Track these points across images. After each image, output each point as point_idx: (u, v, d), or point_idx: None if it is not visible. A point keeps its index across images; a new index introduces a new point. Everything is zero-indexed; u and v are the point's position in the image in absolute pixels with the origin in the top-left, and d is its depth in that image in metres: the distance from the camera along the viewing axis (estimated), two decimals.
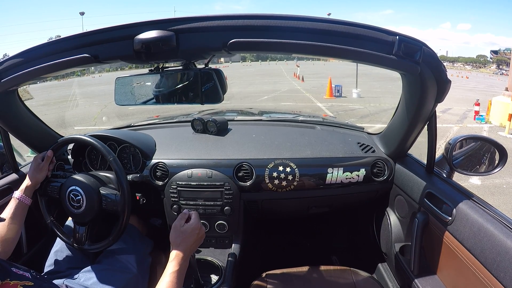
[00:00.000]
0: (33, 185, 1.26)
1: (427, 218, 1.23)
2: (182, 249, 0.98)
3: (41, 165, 1.28)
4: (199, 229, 1.04)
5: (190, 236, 1.01)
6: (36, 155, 1.33)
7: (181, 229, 1.01)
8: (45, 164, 1.29)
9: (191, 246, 1.01)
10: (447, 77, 0.96)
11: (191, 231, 1.02)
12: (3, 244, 1.13)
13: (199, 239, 1.04)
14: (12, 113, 1.35)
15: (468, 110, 9.72)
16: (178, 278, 0.93)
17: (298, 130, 1.79)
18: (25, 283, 0.84)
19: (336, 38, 0.83)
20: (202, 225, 1.06)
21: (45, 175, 1.30)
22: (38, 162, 1.28)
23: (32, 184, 1.26)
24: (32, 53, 0.98)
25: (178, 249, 0.98)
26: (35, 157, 1.31)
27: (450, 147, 1.21)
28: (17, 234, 1.19)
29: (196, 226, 1.03)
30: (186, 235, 1.01)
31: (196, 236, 1.02)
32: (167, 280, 0.91)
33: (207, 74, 1.05)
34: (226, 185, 1.45)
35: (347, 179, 1.48)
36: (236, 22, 0.83)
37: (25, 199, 1.23)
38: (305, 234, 2.20)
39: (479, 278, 0.95)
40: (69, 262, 1.30)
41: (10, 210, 1.20)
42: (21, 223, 1.22)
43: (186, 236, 1.00)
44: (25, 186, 1.25)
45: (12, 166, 1.55)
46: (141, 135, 1.65)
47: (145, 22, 0.86)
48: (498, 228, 0.92)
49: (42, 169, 1.28)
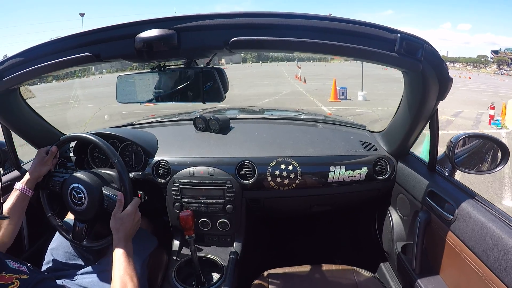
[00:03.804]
0: (35, 178, 1.26)
1: (429, 217, 1.23)
2: (122, 234, 1.08)
3: (45, 159, 1.28)
4: (135, 215, 1.14)
5: (127, 222, 1.11)
6: (41, 149, 1.33)
7: (118, 215, 1.12)
8: (48, 158, 1.29)
9: (129, 231, 1.11)
10: (449, 74, 0.96)
11: (127, 217, 1.12)
12: (3, 235, 1.13)
13: (135, 224, 1.14)
14: (14, 111, 1.36)
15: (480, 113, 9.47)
16: (124, 263, 1.03)
17: (300, 128, 1.79)
18: (20, 276, 0.84)
19: (338, 36, 0.83)
20: (138, 211, 1.17)
21: (48, 169, 1.30)
22: (42, 156, 1.29)
23: (34, 177, 1.26)
24: (34, 52, 0.99)
25: (118, 235, 1.09)
26: (39, 150, 1.32)
27: (452, 145, 1.21)
28: (17, 225, 1.20)
29: (131, 212, 1.13)
30: (123, 221, 1.11)
31: (132, 221, 1.12)
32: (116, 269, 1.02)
33: (209, 73, 1.05)
34: (228, 183, 1.45)
35: (349, 178, 1.48)
36: (238, 20, 0.83)
37: (27, 190, 1.23)
38: (307, 232, 2.20)
39: (481, 277, 0.95)
40: (65, 260, 1.30)
41: (10, 201, 1.20)
42: (22, 215, 1.23)
43: (123, 222, 1.10)
44: (27, 178, 1.25)
45: (15, 163, 1.56)
46: (143, 133, 1.65)
47: (146, 21, 0.86)
48: (500, 227, 0.92)
49: (45, 163, 1.28)
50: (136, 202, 1.17)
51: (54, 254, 1.30)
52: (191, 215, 1.26)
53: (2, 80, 1.02)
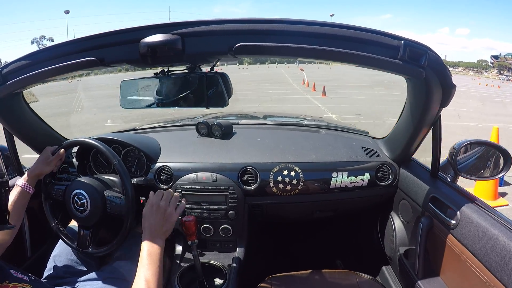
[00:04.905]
0: (36, 175, 1.26)
1: (431, 222, 1.23)
2: (146, 231, 1.02)
3: (50, 159, 1.28)
4: (157, 206, 1.06)
5: (150, 215, 1.04)
6: (48, 147, 1.32)
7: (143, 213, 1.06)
8: (54, 159, 1.29)
9: (156, 224, 1.03)
10: (452, 81, 0.97)
11: (149, 209, 1.05)
12: (3, 233, 1.12)
13: (160, 215, 1.05)
14: (17, 115, 1.36)
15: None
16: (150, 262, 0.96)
17: (303, 134, 1.79)
18: (23, 285, 0.84)
19: (342, 42, 0.83)
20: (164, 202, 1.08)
21: (51, 169, 1.29)
22: (48, 155, 1.29)
23: (36, 174, 1.26)
24: (38, 55, 0.99)
25: (145, 232, 1.02)
26: (46, 148, 1.31)
27: (455, 151, 1.22)
28: (17, 222, 1.18)
29: (151, 202, 1.06)
30: (147, 215, 1.04)
31: (156, 212, 1.04)
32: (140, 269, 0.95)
33: (212, 78, 1.05)
34: (230, 189, 1.45)
35: (352, 184, 1.48)
36: (242, 26, 0.84)
37: (28, 187, 1.23)
38: (309, 237, 2.19)
39: (483, 282, 0.95)
40: (67, 267, 1.29)
41: (12, 197, 1.19)
42: (22, 212, 1.22)
43: (147, 217, 1.04)
44: (29, 175, 1.24)
45: (17, 168, 1.55)
46: (146, 138, 1.65)
47: (151, 26, 0.87)
48: (502, 232, 0.92)
49: (49, 163, 1.28)
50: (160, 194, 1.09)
51: (56, 261, 1.30)
52: (194, 220, 1.25)
53: (6, 84, 1.02)
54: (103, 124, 8.21)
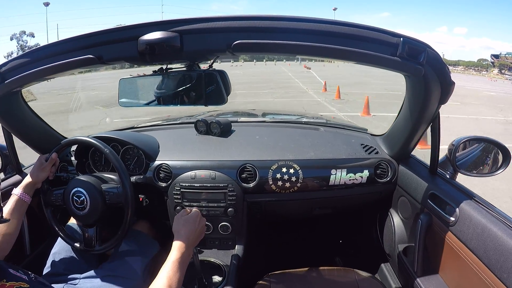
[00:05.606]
0: (33, 183, 1.26)
1: (430, 219, 1.23)
2: (184, 237, 1.00)
3: (44, 165, 1.29)
4: (199, 217, 1.07)
5: (190, 224, 1.04)
6: (41, 155, 1.33)
7: (181, 218, 1.05)
8: (48, 165, 1.30)
9: (193, 234, 1.03)
10: (451, 78, 0.97)
11: (191, 219, 1.05)
12: (1, 241, 1.12)
13: (199, 226, 1.06)
14: (15, 114, 1.36)
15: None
16: (179, 267, 0.94)
17: (302, 131, 1.79)
18: (20, 284, 0.83)
19: (341, 39, 0.83)
20: (202, 216, 1.09)
21: (47, 176, 1.30)
22: (42, 162, 1.29)
23: (33, 182, 1.26)
24: (36, 54, 0.99)
25: (179, 237, 1.00)
26: (40, 156, 1.32)
27: (454, 148, 1.21)
28: (15, 230, 1.18)
29: (195, 214, 1.07)
30: (186, 222, 1.04)
31: (197, 223, 1.05)
32: (167, 269, 0.92)
33: (211, 76, 1.05)
34: (229, 187, 1.45)
35: (351, 181, 1.48)
36: (241, 23, 0.84)
37: (24, 196, 1.23)
38: (308, 234, 2.20)
39: (482, 279, 0.95)
40: (67, 264, 1.29)
41: (8, 206, 1.19)
42: (20, 220, 1.22)
43: (186, 223, 1.03)
44: (25, 184, 1.25)
45: (16, 167, 1.55)
46: (145, 136, 1.65)
47: (150, 23, 0.87)
48: (501, 229, 0.92)
49: (44, 169, 1.29)
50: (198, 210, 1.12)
51: (56, 258, 1.30)
52: None
53: (4, 83, 1.02)
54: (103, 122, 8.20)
